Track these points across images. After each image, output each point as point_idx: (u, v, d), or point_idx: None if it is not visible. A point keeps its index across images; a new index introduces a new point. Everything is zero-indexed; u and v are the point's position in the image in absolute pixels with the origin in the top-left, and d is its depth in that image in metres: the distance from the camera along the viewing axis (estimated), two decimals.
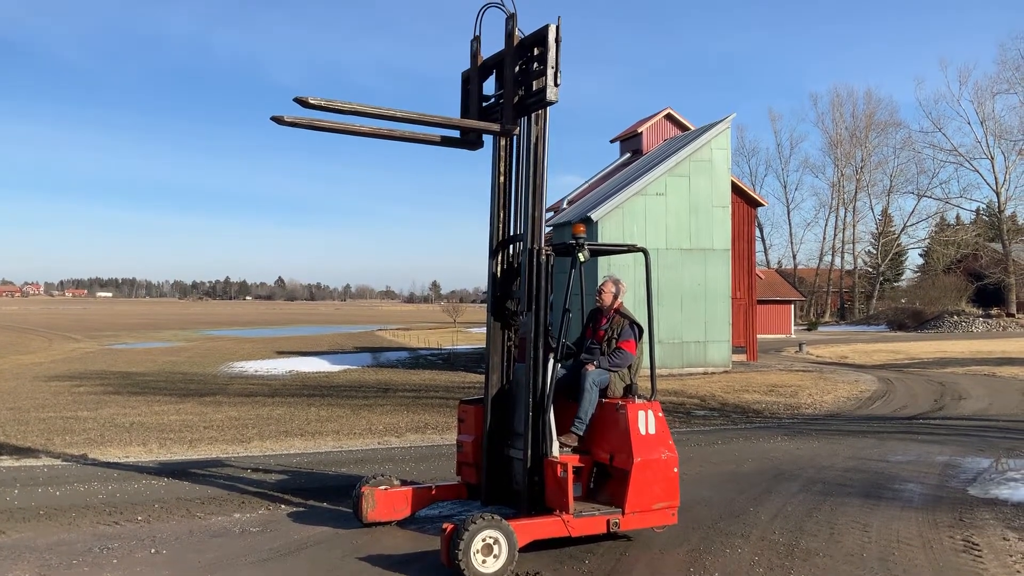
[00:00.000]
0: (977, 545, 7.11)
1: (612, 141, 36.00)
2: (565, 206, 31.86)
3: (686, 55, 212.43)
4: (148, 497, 9.10)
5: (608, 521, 6.77)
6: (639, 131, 33.47)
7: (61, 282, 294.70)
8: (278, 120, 6.49)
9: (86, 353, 39.15)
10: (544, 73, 7.12)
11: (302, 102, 6.33)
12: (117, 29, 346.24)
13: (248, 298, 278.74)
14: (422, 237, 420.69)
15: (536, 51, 7.24)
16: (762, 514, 8.22)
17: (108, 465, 11.18)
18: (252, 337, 57.06)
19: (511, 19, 7.47)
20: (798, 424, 15.53)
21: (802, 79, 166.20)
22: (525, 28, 7.45)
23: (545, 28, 7.11)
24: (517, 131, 7.54)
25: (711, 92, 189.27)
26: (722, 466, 10.92)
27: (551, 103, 7.20)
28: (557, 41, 7.07)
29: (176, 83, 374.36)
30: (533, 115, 7.48)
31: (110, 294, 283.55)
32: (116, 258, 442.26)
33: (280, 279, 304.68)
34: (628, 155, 33.68)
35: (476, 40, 7.86)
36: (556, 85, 7.08)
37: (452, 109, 8.06)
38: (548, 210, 35.67)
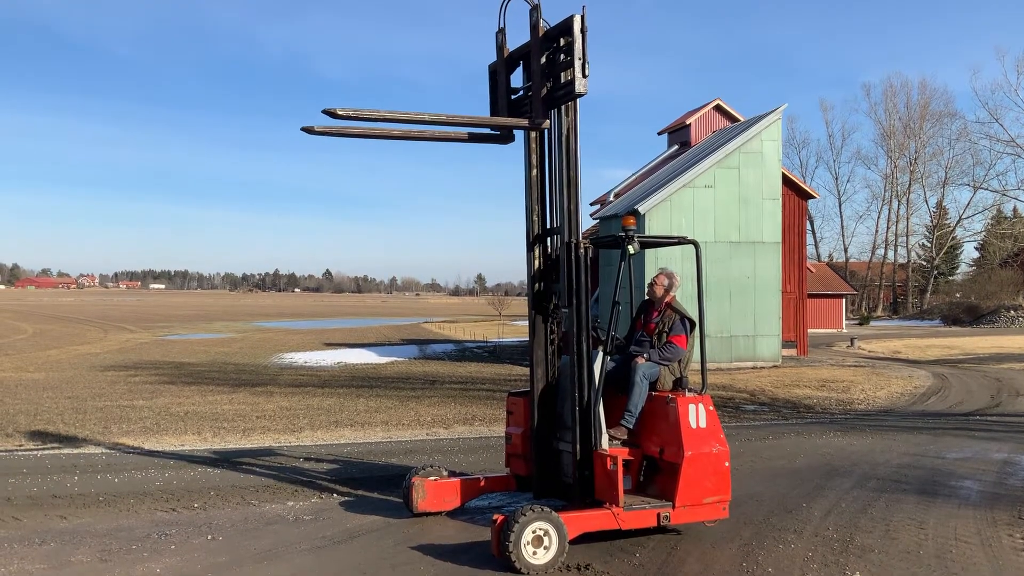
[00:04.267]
0: None
1: (660, 133, 35.76)
2: (612, 199, 31.73)
3: (736, 45, 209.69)
4: (204, 485, 9.28)
5: (658, 514, 6.75)
6: (687, 123, 33.17)
7: (115, 274, 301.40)
8: (308, 130, 6.54)
9: (140, 344, 39.98)
10: (571, 65, 6.95)
11: (331, 113, 6.35)
12: (168, 24, 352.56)
13: (296, 290, 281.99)
14: (467, 230, 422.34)
15: (562, 42, 7.09)
16: (815, 510, 8.13)
17: (164, 453, 11.43)
18: (301, 329, 57.77)
19: (535, 10, 7.32)
20: (851, 420, 15.30)
21: (854, 69, 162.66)
22: (554, 18, 7.27)
23: (570, 19, 6.96)
24: (547, 125, 7.40)
25: (761, 83, 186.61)
26: (773, 461, 10.81)
27: (580, 95, 7.04)
28: (583, 32, 6.91)
29: (225, 77, 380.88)
30: (563, 107, 7.32)
31: (163, 286, 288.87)
32: (168, 251, 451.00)
33: (328, 272, 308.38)
34: (676, 147, 33.40)
35: (501, 32, 7.74)
36: (584, 77, 6.93)
37: None
38: (594, 203, 35.76)
